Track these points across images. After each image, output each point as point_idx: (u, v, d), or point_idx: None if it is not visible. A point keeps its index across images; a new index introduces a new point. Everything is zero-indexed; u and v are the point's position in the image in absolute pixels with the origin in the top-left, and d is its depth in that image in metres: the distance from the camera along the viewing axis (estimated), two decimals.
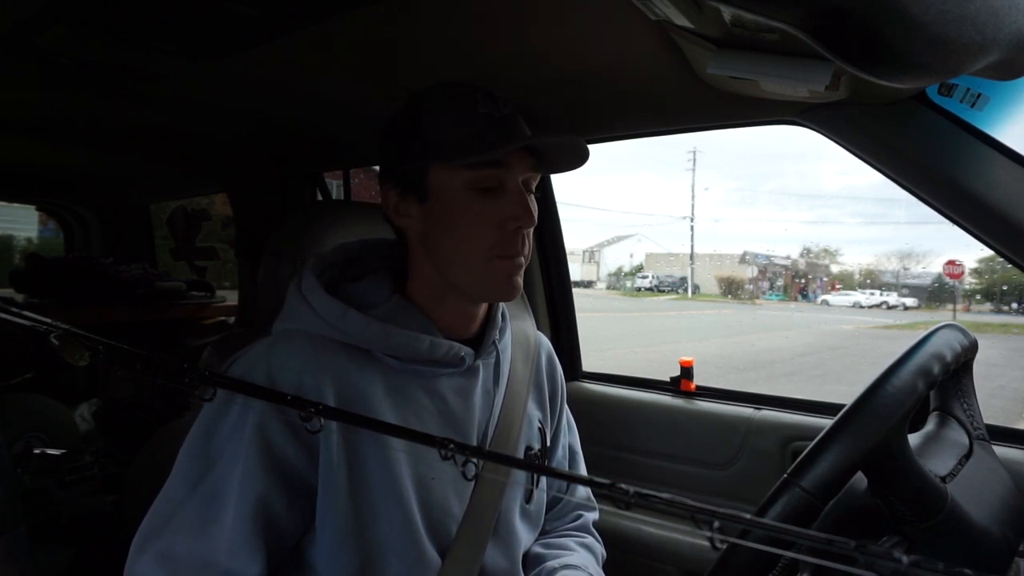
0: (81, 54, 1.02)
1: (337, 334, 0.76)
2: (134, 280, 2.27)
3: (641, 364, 7.40)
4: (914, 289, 17.05)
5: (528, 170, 0.78)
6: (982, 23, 0.46)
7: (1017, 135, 0.84)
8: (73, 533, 1.67)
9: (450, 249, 0.78)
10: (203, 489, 0.70)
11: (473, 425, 0.83)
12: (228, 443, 0.71)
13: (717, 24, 0.73)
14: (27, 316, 0.54)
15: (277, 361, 0.73)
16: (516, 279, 0.79)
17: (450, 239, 0.78)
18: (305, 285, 0.80)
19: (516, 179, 0.77)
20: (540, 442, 0.94)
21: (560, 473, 0.75)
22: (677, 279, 22.15)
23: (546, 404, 0.98)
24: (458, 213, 0.76)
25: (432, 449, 0.48)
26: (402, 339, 0.77)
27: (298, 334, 0.77)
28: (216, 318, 2.48)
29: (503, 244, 0.77)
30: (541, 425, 0.95)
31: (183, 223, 2.61)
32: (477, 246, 0.77)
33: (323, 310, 0.77)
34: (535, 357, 0.98)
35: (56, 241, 3.12)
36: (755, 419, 1.33)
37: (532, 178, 0.80)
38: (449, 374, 0.81)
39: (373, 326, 0.76)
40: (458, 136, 0.76)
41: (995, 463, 0.81)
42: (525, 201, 0.76)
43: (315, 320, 0.77)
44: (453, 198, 0.76)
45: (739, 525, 0.40)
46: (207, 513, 0.69)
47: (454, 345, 0.80)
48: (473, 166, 0.75)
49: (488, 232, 0.76)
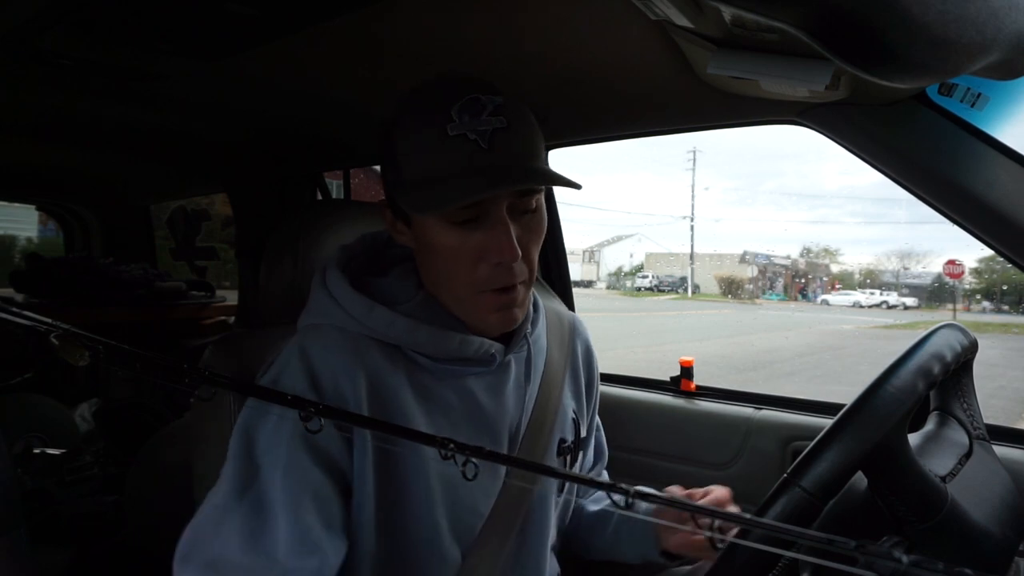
0: (81, 54, 1.02)
1: (364, 330, 0.74)
2: (134, 280, 2.27)
3: (641, 364, 7.39)
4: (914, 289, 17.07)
5: (515, 195, 0.70)
6: (982, 23, 0.46)
7: (1017, 135, 0.84)
8: (73, 533, 1.68)
9: (435, 279, 0.76)
10: (251, 497, 0.67)
11: (504, 423, 0.80)
12: (272, 446, 0.68)
13: (717, 24, 0.73)
14: (27, 316, 0.54)
15: (316, 358, 0.71)
16: (511, 311, 0.74)
17: (435, 270, 0.75)
18: (331, 280, 0.77)
19: (500, 208, 0.69)
20: (574, 434, 0.90)
21: (561, 473, 0.74)
22: (677, 279, 22.16)
23: (582, 394, 0.94)
24: (437, 246, 0.72)
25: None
26: (431, 336, 0.74)
27: (329, 329, 0.74)
28: (216, 318, 2.48)
29: (488, 279, 0.71)
30: (575, 416, 0.91)
31: (183, 223, 2.61)
32: (460, 280, 0.72)
33: (349, 305, 0.74)
34: (570, 343, 0.94)
35: (56, 241, 3.12)
36: (755, 419, 1.33)
37: (525, 200, 0.72)
38: (479, 373, 0.78)
39: (400, 322, 0.73)
40: (424, 175, 0.69)
41: (995, 463, 0.81)
42: (508, 234, 0.69)
43: (342, 315, 0.74)
44: (431, 232, 0.71)
45: (739, 525, 0.40)
46: (255, 520, 0.66)
47: (484, 342, 0.76)
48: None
49: (469, 266, 0.71)
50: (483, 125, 0.67)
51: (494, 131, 0.68)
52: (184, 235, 2.62)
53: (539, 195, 0.73)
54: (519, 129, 0.70)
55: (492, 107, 0.69)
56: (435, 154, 0.68)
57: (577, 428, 0.91)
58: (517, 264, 0.71)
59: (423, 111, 0.70)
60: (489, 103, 0.69)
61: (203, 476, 0.88)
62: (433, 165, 0.68)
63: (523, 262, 0.72)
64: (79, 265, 2.25)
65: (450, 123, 0.67)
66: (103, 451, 2.01)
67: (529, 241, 0.73)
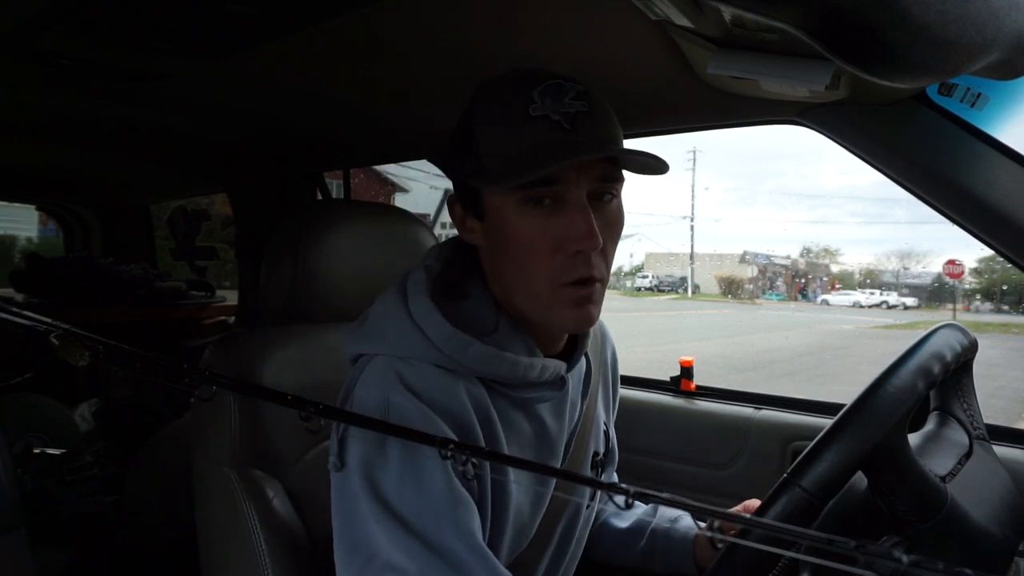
0: (81, 54, 1.02)
1: (453, 365, 0.68)
2: (134, 280, 2.27)
3: (641, 364, 7.37)
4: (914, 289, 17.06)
5: (596, 180, 0.66)
6: (982, 23, 0.46)
7: (1017, 135, 0.84)
8: (73, 533, 1.68)
9: (511, 273, 0.70)
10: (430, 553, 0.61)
11: (562, 442, 0.78)
12: (419, 490, 0.62)
13: (717, 24, 0.73)
14: (27, 316, 0.54)
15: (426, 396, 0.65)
16: (589, 308, 0.69)
17: (510, 263, 0.69)
18: (418, 309, 0.70)
19: (580, 193, 0.66)
20: (605, 445, 0.88)
21: (561, 473, 0.74)
22: (677, 279, 22.14)
23: (610, 404, 0.93)
24: (513, 235, 0.67)
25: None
26: (520, 368, 0.70)
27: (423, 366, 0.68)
28: (216, 318, 2.48)
29: (566, 269, 0.66)
30: (605, 427, 0.89)
31: (183, 223, 2.61)
32: (537, 272, 0.67)
33: (443, 342, 0.68)
34: (603, 352, 0.91)
35: (56, 241, 3.12)
36: (755, 419, 1.33)
37: (606, 186, 0.68)
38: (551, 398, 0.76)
39: (496, 358, 0.69)
40: (505, 151, 0.65)
41: (995, 463, 0.81)
42: (588, 219, 0.64)
43: (430, 351, 0.68)
44: (507, 218, 0.67)
45: (739, 525, 0.40)
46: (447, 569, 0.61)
47: (557, 364, 0.74)
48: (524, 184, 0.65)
49: (546, 256, 0.66)
50: (566, 108, 0.65)
51: (576, 114, 0.65)
52: (184, 235, 2.62)
53: (620, 185, 0.70)
54: (601, 115, 0.68)
55: (574, 92, 0.67)
56: (516, 132, 0.65)
57: (607, 439, 0.90)
58: (596, 257, 0.67)
59: (504, 94, 0.68)
60: (571, 88, 0.67)
61: (203, 476, 0.88)
62: (513, 143, 0.65)
63: (601, 258, 0.68)
64: (79, 265, 2.25)
65: (532, 104, 0.65)
66: (103, 451, 2.01)
67: (608, 235, 0.68)
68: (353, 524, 0.63)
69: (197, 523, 0.89)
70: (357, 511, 0.63)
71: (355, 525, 0.63)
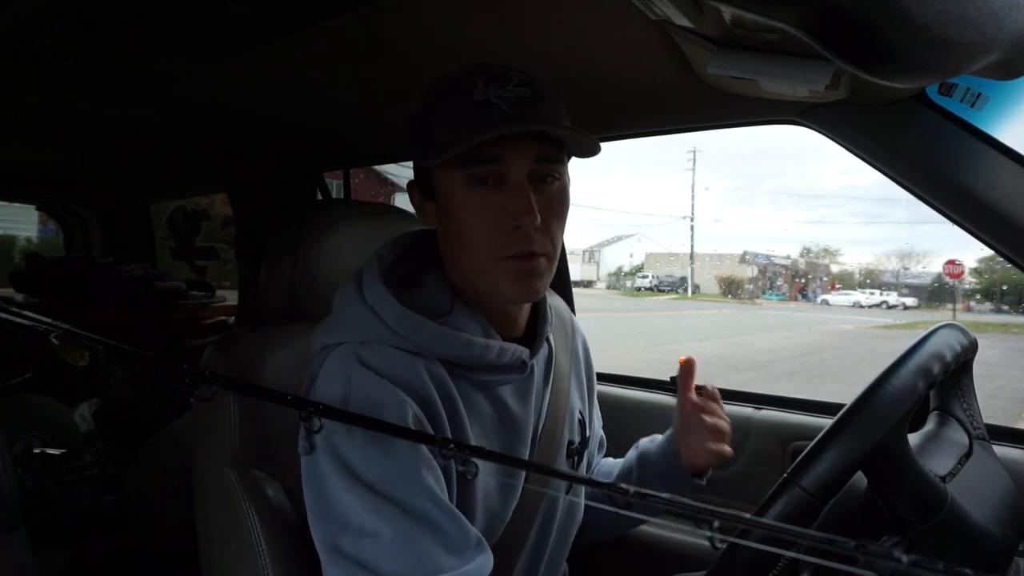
0: (81, 54, 1.02)
1: (410, 346, 0.72)
2: (134, 280, 2.27)
3: (641, 364, 7.40)
4: (914, 289, 17.06)
5: (535, 160, 0.71)
6: (982, 23, 0.46)
7: (1017, 135, 0.84)
8: (73, 533, 1.68)
9: (459, 249, 0.75)
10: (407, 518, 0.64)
11: (529, 428, 0.80)
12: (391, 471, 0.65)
13: (717, 24, 0.73)
14: (27, 316, 0.54)
15: (385, 372, 0.69)
16: (532, 281, 0.73)
17: (458, 239, 0.74)
18: (372, 295, 0.74)
19: (519, 172, 0.70)
20: (580, 435, 0.90)
21: (561, 473, 0.74)
22: (677, 279, 22.15)
23: (585, 393, 0.95)
24: (459, 212, 0.72)
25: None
26: (475, 349, 0.73)
27: (382, 348, 0.71)
28: (216, 318, 2.48)
29: (507, 243, 0.71)
30: (581, 417, 0.92)
31: (183, 223, 2.61)
32: (480, 246, 0.72)
33: (396, 322, 0.72)
34: (573, 342, 0.94)
35: (56, 241, 3.12)
36: (755, 419, 1.33)
37: (544, 168, 0.72)
38: (512, 381, 0.78)
39: (451, 338, 0.72)
40: (450, 130, 0.70)
41: (995, 463, 0.81)
42: (525, 196, 0.69)
43: (386, 333, 0.72)
44: (453, 196, 0.72)
45: (739, 525, 0.40)
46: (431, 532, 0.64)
47: (518, 348, 0.77)
48: (467, 162, 0.69)
49: (488, 231, 0.71)
50: (508, 93, 0.69)
51: (517, 99, 0.69)
52: (184, 235, 2.62)
53: (562, 167, 0.74)
54: (543, 100, 0.71)
55: (518, 80, 0.71)
56: (460, 114, 0.69)
57: (584, 429, 0.92)
58: (537, 233, 0.71)
59: (453, 84, 0.72)
60: (516, 77, 0.71)
61: (203, 476, 0.88)
62: (458, 123, 0.69)
63: (544, 235, 0.72)
64: (79, 265, 2.25)
65: (476, 90, 0.69)
66: (103, 451, 2.00)
67: (550, 213, 0.72)
68: (325, 498, 0.66)
69: (197, 523, 0.89)
70: (328, 487, 0.66)
71: (327, 499, 0.66)
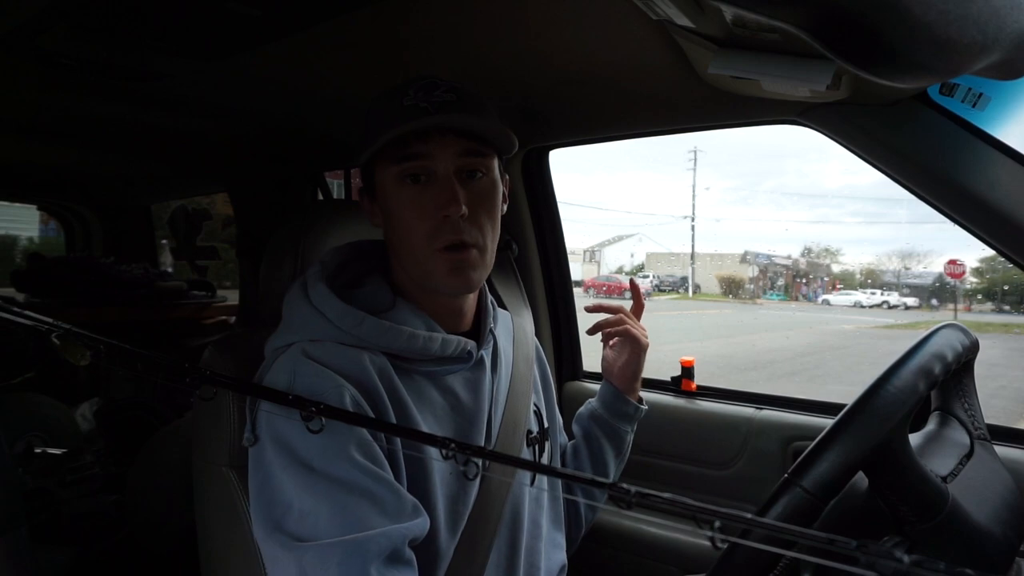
0: (81, 54, 1.02)
1: (354, 340, 0.76)
2: (135, 280, 2.27)
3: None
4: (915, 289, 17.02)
5: (460, 156, 0.76)
6: (984, 23, 0.46)
7: (1018, 135, 0.84)
8: (74, 533, 1.67)
9: (398, 244, 0.80)
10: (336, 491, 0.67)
11: (482, 417, 0.84)
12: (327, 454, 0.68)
13: (718, 24, 0.73)
14: (28, 316, 0.54)
15: (328, 363, 0.73)
16: (466, 272, 0.77)
17: (396, 235, 0.79)
18: (316, 295, 0.79)
19: (446, 167, 0.76)
20: (538, 425, 0.95)
21: (561, 473, 0.75)
22: (678, 279, 22.12)
23: (539, 384, 1.00)
24: (394, 207, 0.78)
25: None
26: (418, 341, 0.77)
27: (329, 345, 0.76)
28: (217, 318, 2.48)
29: (438, 234, 0.76)
30: (536, 408, 0.96)
31: (184, 223, 2.61)
32: (415, 238, 0.77)
33: (339, 319, 0.76)
34: (526, 346, 0.99)
35: (57, 241, 3.12)
36: (756, 419, 1.33)
37: (471, 162, 0.78)
38: (459, 370, 0.83)
39: (392, 331, 0.76)
40: (380, 130, 0.76)
41: (996, 463, 0.81)
42: (451, 188, 0.75)
43: (333, 330, 0.76)
44: (389, 193, 0.78)
45: (740, 525, 0.40)
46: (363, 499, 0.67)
47: (462, 340, 0.81)
48: (399, 159, 0.76)
49: (420, 223, 0.76)
50: (435, 98, 0.76)
51: (443, 102, 0.76)
52: (185, 235, 2.62)
53: (488, 162, 0.79)
54: (469, 104, 0.77)
55: (447, 87, 0.77)
56: (392, 117, 0.75)
57: (540, 419, 0.96)
58: (466, 224, 0.76)
59: (390, 94, 0.79)
60: (445, 85, 0.77)
61: (203, 476, 0.88)
62: (388, 125, 0.75)
63: (473, 226, 0.77)
64: (80, 265, 2.24)
65: (405, 97, 0.76)
66: (104, 451, 2.01)
67: (479, 207, 0.78)
68: (267, 485, 0.69)
69: (197, 523, 0.89)
70: (272, 473, 0.69)
71: (269, 485, 0.69)
